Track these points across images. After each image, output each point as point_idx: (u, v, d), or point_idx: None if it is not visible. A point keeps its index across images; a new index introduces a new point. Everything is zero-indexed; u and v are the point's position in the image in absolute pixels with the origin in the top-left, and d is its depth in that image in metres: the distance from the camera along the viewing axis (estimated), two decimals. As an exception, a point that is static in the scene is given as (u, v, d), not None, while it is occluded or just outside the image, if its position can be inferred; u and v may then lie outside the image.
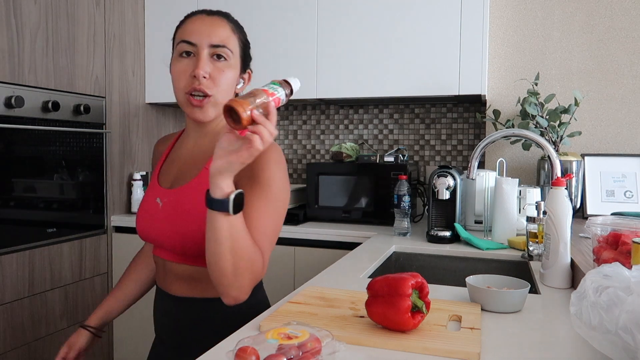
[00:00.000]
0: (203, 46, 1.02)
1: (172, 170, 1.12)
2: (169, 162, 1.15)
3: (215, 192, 0.86)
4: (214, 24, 1.04)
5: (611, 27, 2.14)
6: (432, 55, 2.11)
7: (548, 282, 1.19)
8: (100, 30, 2.28)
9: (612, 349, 0.65)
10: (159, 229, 1.05)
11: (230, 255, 0.87)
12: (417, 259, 1.70)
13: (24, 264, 1.96)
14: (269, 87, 0.89)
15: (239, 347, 0.64)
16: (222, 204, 0.85)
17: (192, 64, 1.02)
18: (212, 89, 1.02)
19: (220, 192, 0.86)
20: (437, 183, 1.79)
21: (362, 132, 2.63)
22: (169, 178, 1.11)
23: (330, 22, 2.24)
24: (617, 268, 0.68)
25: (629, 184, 2.04)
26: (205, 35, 1.02)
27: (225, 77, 1.03)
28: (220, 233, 0.87)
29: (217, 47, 1.02)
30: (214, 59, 1.03)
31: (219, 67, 1.03)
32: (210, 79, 1.02)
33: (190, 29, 1.04)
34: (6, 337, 1.90)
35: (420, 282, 0.84)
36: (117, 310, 1.26)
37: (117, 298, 1.25)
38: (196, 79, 1.01)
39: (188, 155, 1.11)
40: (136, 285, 1.27)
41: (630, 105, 2.14)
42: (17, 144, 1.94)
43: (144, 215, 1.10)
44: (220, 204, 0.86)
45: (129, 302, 1.27)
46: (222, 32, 1.04)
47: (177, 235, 1.01)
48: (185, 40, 1.03)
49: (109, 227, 2.36)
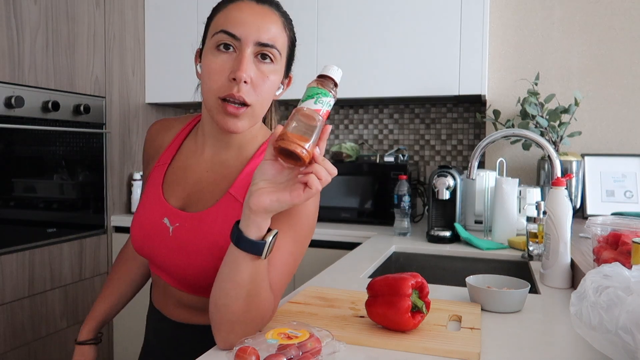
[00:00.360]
0: (249, 42, 0.84)
1: (183, 183, 0.95)
2: (177, 170, 0.97)
3: (251, 231, 0.73)
4: (265, 16, 0.86)
5: (611, 27, 2.14)
6: (432, 55, 2.11)
7: (548, 282, 1.19)
8: (100, 30, 2.28)
9: (612, 349, 0.65)
10: (168, 258, 0.91)
11: (244, 301, 0.75)
12: (417, 259, 1.70)
13: (24, 264, 1.96)
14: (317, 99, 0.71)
15: (239, 347, 0.64)
16: (257, 246, 0.73)
17: (230, 62, 0.84)
18: (252, 97, 0.84)
19: (257, 232, 0.73)
20: (437, 183, 1.79)
21: (362, 132, 2.63)
22: (179, 193, 0.94)
23: (330, 21, 2.24)
24: (617, 268, 0.68)
25: (629, 184, 2.04)
26: (254, 30, 0.84)
27: (268, 84, 0.86)
28: (241, 276, 0.74)
29: (265, 46, 0.85)
30: (258, 59, 0.85)
31: (263, 70, 0.85)
32: (252, 84, 0.84)
33: (236, 18, 0.85)
34: (6, 337, 1.90)
35: (420, 282, 0.84)
36: (113, 315, 1.14)
37: (111, 302, 1.12)
38: (235, 83, 0.82)
39: (206, 169, 0.95)
40: (129, 287, 1.15)
41: (630, 105, 2.14)
42: (17, 144, 1.94)
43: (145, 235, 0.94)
44: (253, 246, 0.73)
45: (122, 304, 1.15)
46: (273, 28, 0.86)
47: (191, 269, 0.89)
48: (227, 31, 0.84)
49: (109, 227, 2.36)
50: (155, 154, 1.02)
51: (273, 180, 0.72)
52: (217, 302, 0.77)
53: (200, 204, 0.92)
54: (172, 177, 0.96)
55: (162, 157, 0.99)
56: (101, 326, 1.12)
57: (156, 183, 0.96)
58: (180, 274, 0.91)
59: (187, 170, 0.96)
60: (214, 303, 0.77)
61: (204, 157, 0.95)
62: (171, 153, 0.99)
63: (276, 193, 0.71)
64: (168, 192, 0.95)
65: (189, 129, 1.01)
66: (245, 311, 0.75)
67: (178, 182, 0.95)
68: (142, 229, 0.94)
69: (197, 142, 0.98)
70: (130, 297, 1.16)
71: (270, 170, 0.72)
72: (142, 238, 0.94)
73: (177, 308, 0.97)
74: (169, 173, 0.97)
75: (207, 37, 0.88)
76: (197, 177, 0.94)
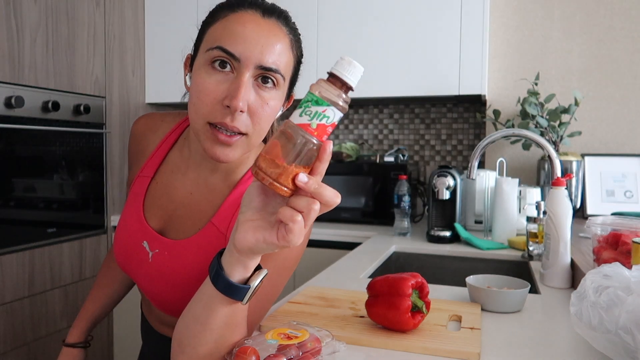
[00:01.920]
0: (249, 65, 0.71)
1: (165, 204, 0.86)
2: (160, 187, 0.87)
3: (235, 271, 0.61)
4: (271, 33, 0.73)
5: (611, 27, 2.14)
6: (432, 55, 2.11)
7: (548, 282, 1.19)
8: (100, 30, 2.28)
9: (612, 349, 0.65)
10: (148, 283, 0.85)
11: (214, 345, 0.65)
12: (417, 259, 1.70)
13: (24, 264, 1.96)
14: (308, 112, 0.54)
15: (239, 347, 0.64)
16: (238, 291, 0.62)
17: (226, 84, 0.71)
18: (249, 126, 0.73)
19: (242, 273, 0.62)
20: (437, 183, 1.79)
21: (362, 132, 2.63)
22: (160, 214, 0.85)
23: (330, 22, 2.24)
24: (617, 268, 0.68)
25: (629, 184, 2.04)
26: (257, 50, 0.71)
27: (268, 112, 0.74)
28: (215, 320, 0.64)
29: (268, 70, 0.72)
30: (258, 82, 0.73)
31: (263, 97, 0.73)
32: (249, 112, 0.72)
33: (236, 33, 0.71)
34: (6, 337, 1.90)
35: (420, 282, 0.84)
36: (104, 315, 1.08)
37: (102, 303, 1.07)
38: (230, 112, 0.70)
39: (190, 190, 0.85)
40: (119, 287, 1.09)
41: (630, 105, 2.14)
42: (17, 144, 1.94)
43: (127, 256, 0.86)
44: (234, 290, 0.62)
45: (112, 304, 1.09)
46: (278, 49, 0.73)
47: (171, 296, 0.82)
48: (225, 49, 0.71)
49: (109, 227, 2.36)
50: (140, 157, 0.93)
51: (262, 209, 0.59)
52: (181, 342, 0.67)
53: (181, 230, 0.83)
54: (154, 193, 0.87)
55: (146, 166, 0.89)
56: (92, 328, 1.06)
57: (138, 198, 0.87)
58: (160, 299, 0.85)
59: (169, 189, 0.86)
60: (179, 341, 0.67)
61: (188, 176, 0.85)
62: (155, 164, 0.88)
63: (262, 231, 0.58)
64: (149, 211, 0.86)
65: (175, 137, 0.90)
66: (213, 352, 0.66)
67: (159, 202, 0.86)
68: (123, 249, 0.87)
69: (182, 156, 0.87)
70: (120, 297, 1.10)
71: (258, 196, 0.59)
72: (124, 259, 0.87)
73: (161, 325, 0.94)
74: (151, 188, 0.88)
75: (202, 47, 0.75)
76: (180, 199, 0.85)
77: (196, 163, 0.84)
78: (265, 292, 0.75)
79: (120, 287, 1.09)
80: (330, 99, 0.54)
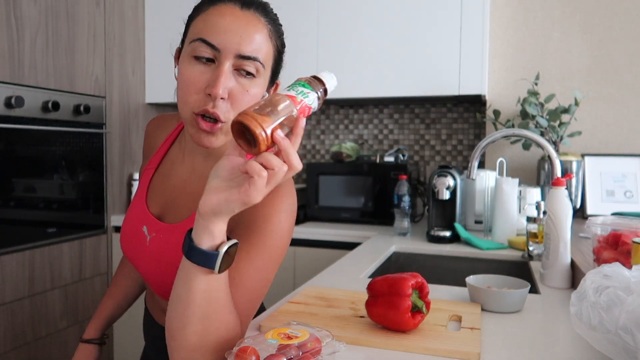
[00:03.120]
0: (229, 55, 0.76)
1: (163, 191, 0.92)
2: (161, 177, 0.94)
3: (202, 239, 0.64)
4: (249, 24, 0.77)
5: (611, 27, 2.14)
6: (432, 55, 2.11)
7: (548, 282, 1.19)
8: (100, 30, 2.28)
9: (612, 349, 0.65)
10: (147, 267, 0.88)
11: (200, 324, 0.66)
12: (417, 259, 1.70)
13: (24, 264, 1.96)
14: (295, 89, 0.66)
15: (239, 347, 0.64)
16: (208, 258, 0.63)
17: (208, 74, 0.77)
18: (229, 112, 0.77)
19: (209, 240, 0.64)
20: (437, 183, 1.79)
21: (362, 132, 2.63)
22: (158, 200, 0.91)
23: (330, 21, 2.24)
24: (617, 268, 0.68)
25: (629, 184, 2.04)
26: (235, 42, 0.75)
27: (248, 99, 0.78)
28: (194, 294, 0.65)
29: (247, 59, 0.76)
30: (239, 71, 0.77)
31: (243, 84, 0.77)
32: (230, 99, 0.77)
33: (216, 25, 0.76)
34: (6, 337, 1.90)
35: (420, 282, 0.84)
36: (119, 313, 1.12)
37: (118, 300, 1.11)
38: (211, 99, 0.76)
39: (183, 178, 0.90)
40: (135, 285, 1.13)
41: (630, 105, 2.14)
42: (17, 144, 1.94)
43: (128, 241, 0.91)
44: (204, 258, 0.63)
45: (129, 302, 1.14)
46: (256, 39, 0.77)
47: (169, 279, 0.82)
48: (205, 40, 0.76)
49: (109, 227, 2.36)
50: (151, 153, 1.01)
51: (228, 178, 0.63)
52: (171, 326, 0.68)
53: (176, 215, 0.88)
54: (156, 182, 0.93)
55: (152, 159, 0.97)
56: (108, 325, 1.10)
57: (142, 187, 0.94)
58: (158, 283, 0.87)
59: (168, 178, 0.92)
60: (168, 328, 0.68)
61: (184, 164, 0.91)
62: (159, 157, 0.96)
63: (226, 192, 0.61)
64: (151, 198, 0.92)
65: (178, 131, 0.97)
66: (201, 336, 0.66)
67: (159, 189, 0.92)
68: (127, 236, 0.91)
69: (180, 147, 0.93)
70: (136, 295, 1.14)
71: (227, 166, 0.63)
72: (127, 244, 0.91)
73: (162, 314, 0.94)
74: (154, 178, 0.94)
75: (186, 40, 0.81)
76: (176, 186, 0.90)
77: (190, 151, 0.90)
78: (253, 285, 0.75)
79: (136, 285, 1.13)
80: (314, 87, 0.68)
